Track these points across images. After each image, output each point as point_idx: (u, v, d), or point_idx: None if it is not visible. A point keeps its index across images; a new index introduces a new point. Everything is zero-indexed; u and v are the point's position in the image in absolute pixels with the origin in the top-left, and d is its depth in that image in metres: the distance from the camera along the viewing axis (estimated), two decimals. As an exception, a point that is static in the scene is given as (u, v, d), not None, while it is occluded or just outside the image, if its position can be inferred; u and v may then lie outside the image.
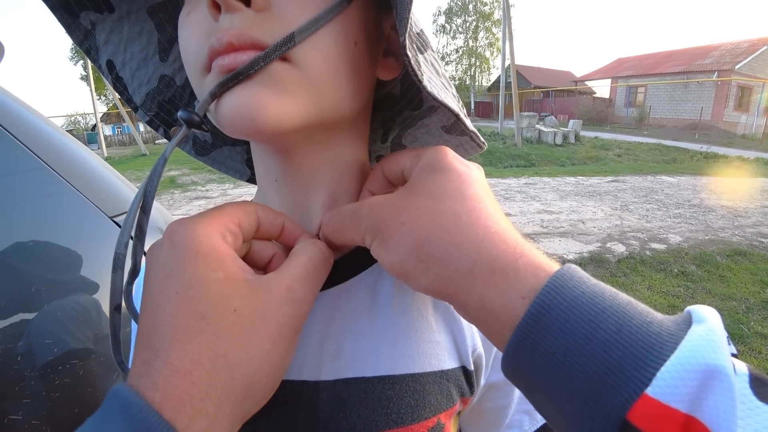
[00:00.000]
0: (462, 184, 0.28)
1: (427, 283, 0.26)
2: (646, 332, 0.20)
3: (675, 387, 0.18)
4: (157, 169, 0.28)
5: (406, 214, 0.27)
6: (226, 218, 0.27)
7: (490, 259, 0.24)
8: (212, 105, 0.27)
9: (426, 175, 0.28)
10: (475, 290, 0.24)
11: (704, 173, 8.20)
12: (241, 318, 0.24)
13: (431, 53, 0.32)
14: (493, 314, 0.24)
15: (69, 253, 0.72)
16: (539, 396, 0.23)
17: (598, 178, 7.56)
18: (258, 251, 0.30)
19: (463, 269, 0.25)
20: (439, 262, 0.25)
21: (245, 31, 0.25)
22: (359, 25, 0.29)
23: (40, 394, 0.63)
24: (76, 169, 0.78)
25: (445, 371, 0.33)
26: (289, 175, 0.33)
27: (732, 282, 3.23)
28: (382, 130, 0.43)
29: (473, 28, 29.21)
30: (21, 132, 0.74)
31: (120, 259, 0.27)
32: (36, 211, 0.72)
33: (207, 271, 0.24)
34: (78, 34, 0.36)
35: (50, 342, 0.65)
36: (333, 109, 0.29)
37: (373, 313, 0.33)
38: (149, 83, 0.40)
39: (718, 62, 19.50)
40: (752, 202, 5.79)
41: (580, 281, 0.23)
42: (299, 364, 0.32)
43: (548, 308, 0.22)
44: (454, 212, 0.26)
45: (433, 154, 0.29)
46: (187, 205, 6.01)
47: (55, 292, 0.69)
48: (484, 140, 0.37)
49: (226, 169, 0.48)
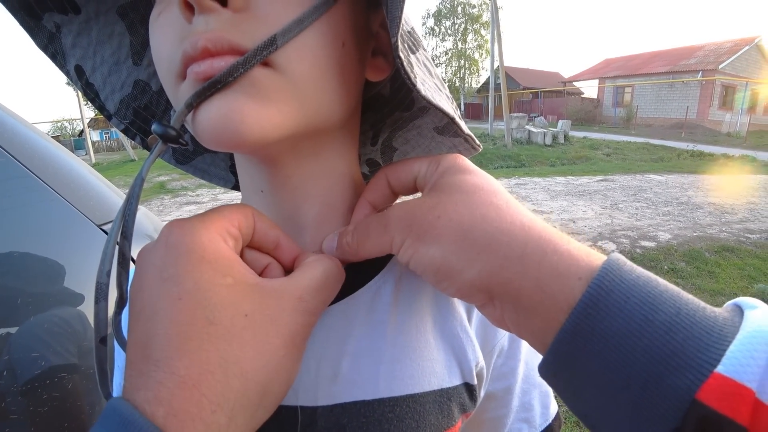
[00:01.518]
0: (489, 180, 0.28)
1: (474, 275, 0.24)
2: (704, 316, 0.20)
3: (747, 365, 0.18)
4: (134, 191, 0.26)
5: (441, 208, 0.26)
6: (226, 221, 0.25)
7: (542, 241, 0.24)
8: (189, 116, 0.25)
9: (452, 175, 0.28)
10: (529, 273, 0.23)
11: (691, 171, 8.32)
12: (253, 323, 0.22)
13: (423, 52, 0.30)
14: (550, 297, 0.23)
15: (55, 263, 0.70)
16: (587, 388, 0.22)
17: (587, 178, 7.64)
18: (251, 260, 0.28)
19: (515, 253, 0.24)
20: (487, 249, 0.24)
21: (222, 35, 0.23)
22: (347, 24, 0.27)
23: (27, 409, 0.62)
24: (62, 176, 0.77)
25: (446, 389, 0.32)
26: (276, 185, 0.31)
27: (721, 278, 3.27)
28: (371, 132, 0.41)
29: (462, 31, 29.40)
30: (4, 139, 0.72)
31: (102, 289, 0.25)
32: (21, 221, 0.71)
33: (215, 276, 0.22)
34: (42, 37, 0.33)
35: (37, 356, 0.63)
36: (320, 116, 0.28)
37: (371, 332, 0.31)
38: (123, 89, 0.37)
39: (703, 62, 19.86)
40: (738, 198, 5.89)
41: (632, 266, 0.23)
42: (295, 387, 0.30)
43: (607, 289, 0.21)
44: (492, 203, 0.26)
45: (452, 158, 0.29)
46: (177, 210, 5.95)
47: (42, 303, 0.67)
48: (479, 143, 0.35)
49: (210, 177, 0.46)
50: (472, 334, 0.33)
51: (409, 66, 0.25)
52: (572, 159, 9.95)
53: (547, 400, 0.38)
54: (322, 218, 0.32)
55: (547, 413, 0.38)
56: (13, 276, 0.66)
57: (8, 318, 0.63)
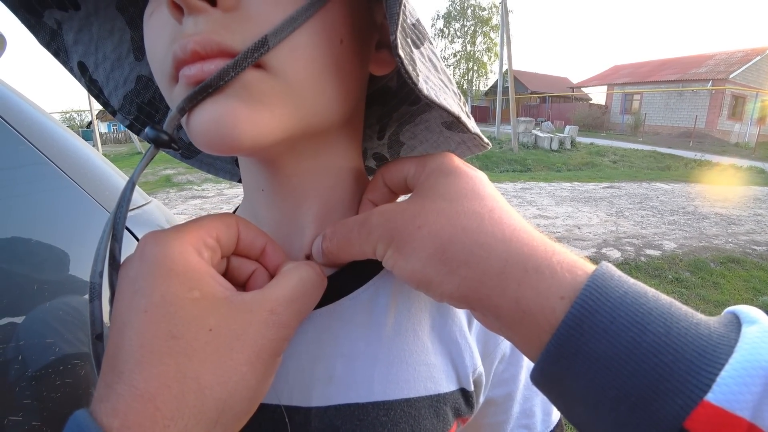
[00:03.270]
0: (476, 185, 0.26)
1: (453, 288, 0.24)
2: (696, 334, 0.19)
3: (739, 393, 0.17)
4: (125, 194, 0.25)
5: (422, 217, 0.25)
6: (203, 231, 0.25)
7: (523, 257, 0.23)
8: (185, 118, 0.24)
9: (436, 179, 0.27)
10: (508, 291, 0.22)
11: (698, 181, 8.27)
12: (216, 338, 0.22)
13: (429, 46, 0.28)
14: (530, 316, 0.22)
15: (69, 251, 0.71)
16: (576, 404, 0.21)
17: (593, 184, 7.61)
18: (237, 267, 0.28)
19: (494, 269, 0.23)
20: (466, 265, 0.23)
21: (211, 37, 0.22)
22: (345, 20, 0.26)
23: (41, 395, 0.62)
24: (80, 166, 0.78)
25: (442, 395, 0.31)
26: (277, 185, 0.31)
27: (725, 289, 3.25)
28: (378, 126, 0.39)
29: (471, 33, 29.35)
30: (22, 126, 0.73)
31: (96, 288, 0.25)
32: (39, 208, 0.71)
33: (182, 290, 0.22)
34: (44, 35, 0.32)
35: (49, 342, 0.64)
36: (318, 117, 0.27)
37: (368, 334, 0.31)
38: (126, 85, 0.37)
39: (713, 71, 19.72)
40: (745, 209, 5.85)
41: (620, 280, 0.21)
42: (289, 388, 0.30)
43: (591, 309, 0.20)
44: (474, 212, 0.25)
45: (440, 159, 0.28)
46: (183, 204, 5.97)
47: (56, 291, 0.68)
48: (487, 141, 0.34)
49: (216, 171, 0.45)
50: (471, 340, 0.33)
51: (411, 64, 0.24)
52: (578, 165, 9.92)
53: (549, 407, 0.38)
54: (323, 216, 0.32)
55: (549, 420, 0.37)
56: (28, 263, 0.67)
57: (21, 305, 0.64)
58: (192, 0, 0.22)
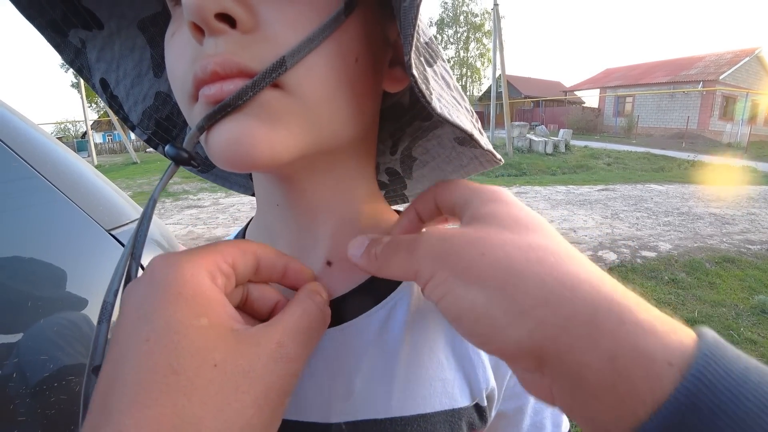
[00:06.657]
0: (539, 219, 0.24)
1: (524, 334, 0.19)
2: None
3: None
4: (146, 212, 0.26)
5: (487, 244, 0.22)
6: (219, 256, 0.24)
7: (615, 304, 0.19)
8: (203, 135, 0.25)
9: (496, 207, 0.24)
10: (601, 345, 0.18)
11: (692, 181, 8.33)
12: (221, 375, 0.20)
13: (442, 64, 0.28)
14: (627, 383, 0.17)
15: (63, 267, 0.71)
16: None
17: (588, 187, 7.65)
18: (258, 299, 0.27)
19: (582, 316, 0.19)
20: (544, 304, 0.19)
21: (231, 57, 0.23)
22: (360, 39, 0.26)
23: (36, 411, 0.62)
24: (73, 181, 0.78)
25: (457, 410, 0.31)
26: (292, 200, 0.31)
27: (721, 289, 3.27)
28: (390, 141, 0.40)
29: (464, 39, 29.60)
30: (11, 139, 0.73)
31: (107, 308, 0.24)
32: (28, 222, 0.71)
33: (189, 316, 0.21)
34: (69, 53, 0.34)
35: (46, 358, 0.64)
36: (334, 135, 0.27)
37: (385, 351, 0.31)
38: (145, 101, 0.38)
39: (703, 72, 19.97)
40: (739, 209, 5.89)
41: (736, 353, 0.18)
42: (308, 403, 0.30)
43: (710, 384, 0.16)
44: (547, 246, 0.21)
45: (495, 188, 0.27)
46: (179, 214, 5.95)
47: (51, 307, 0.67)
48: (500, 157, 0.33)
49: (230, 185, 0.46)
50: (483, 355, 0.33)
51: (425, 83, 0.24)
52: (573, 168, 9.97)
53: (559, 419, 0.37)
54: (337, 231, 0.32)
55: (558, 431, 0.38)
56: (22, 279, 0.67)
57: (17, 322, 0.64)
58: (213, 22, 0.22)
